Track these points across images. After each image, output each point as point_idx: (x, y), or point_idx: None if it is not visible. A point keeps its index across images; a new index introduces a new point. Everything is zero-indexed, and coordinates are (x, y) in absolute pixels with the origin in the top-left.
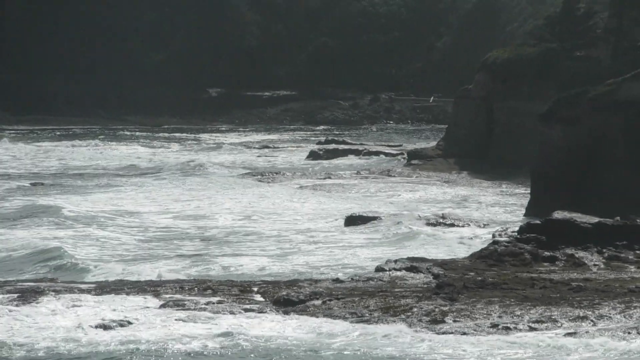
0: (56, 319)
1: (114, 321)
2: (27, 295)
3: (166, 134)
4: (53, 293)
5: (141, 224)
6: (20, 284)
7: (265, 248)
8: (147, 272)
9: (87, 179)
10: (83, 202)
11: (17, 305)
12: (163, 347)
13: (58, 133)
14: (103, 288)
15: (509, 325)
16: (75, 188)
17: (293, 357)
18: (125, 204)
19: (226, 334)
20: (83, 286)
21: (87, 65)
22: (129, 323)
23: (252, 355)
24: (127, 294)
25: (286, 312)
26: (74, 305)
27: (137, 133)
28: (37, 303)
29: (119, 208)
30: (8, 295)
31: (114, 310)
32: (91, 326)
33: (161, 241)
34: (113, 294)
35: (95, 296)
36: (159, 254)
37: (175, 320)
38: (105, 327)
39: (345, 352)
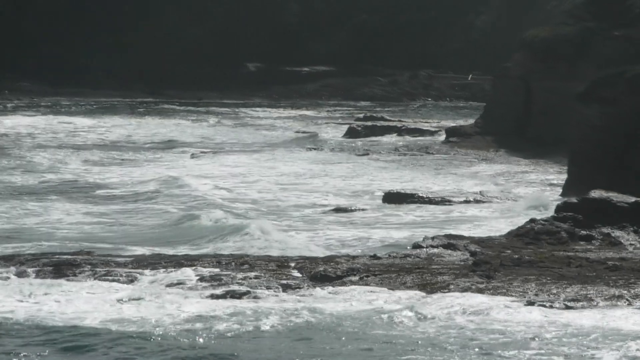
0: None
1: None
2: (63, 268)
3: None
4: (89, 267)
5: None
6: (57, 256)
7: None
8: None
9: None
10: None
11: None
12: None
13: (95, 106)
14: (140, 262)
15: (544, 303)
16: None
17: None
18: None
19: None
20: (120, 259)
21: (127, 39)
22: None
23: None
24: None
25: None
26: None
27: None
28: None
29: None
30: (44, 268)
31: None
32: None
33: None
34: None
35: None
36: None
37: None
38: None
39: None
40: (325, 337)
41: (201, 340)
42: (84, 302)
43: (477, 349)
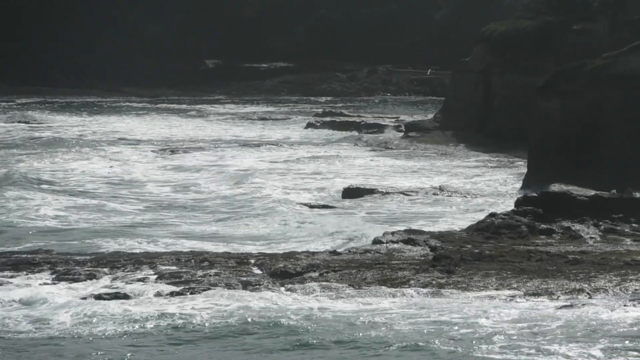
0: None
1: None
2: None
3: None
4: (48, 265)
5: None
6: (15, 255)
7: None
8: None
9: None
10: None
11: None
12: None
13: (56, 105)
14: (99, 260)
15: (505, 297)
16: None
17: None
18: None
19: None
20: (79, 258)
21: (84, 37)
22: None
23: None
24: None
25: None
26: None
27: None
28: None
29: None
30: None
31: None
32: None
33: None
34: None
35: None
36: None
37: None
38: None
39: None
40: None
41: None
42: None
43: None
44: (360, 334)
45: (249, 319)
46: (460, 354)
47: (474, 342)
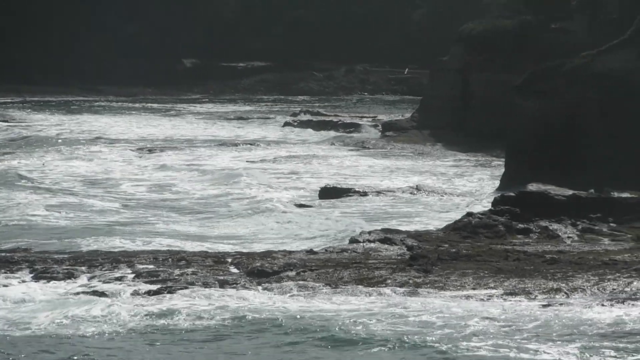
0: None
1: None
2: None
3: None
4: (27, 264)
5: None
6: None
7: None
8: None
9: None
10: None
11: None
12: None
13: (35, 104)
14: (77, 259)
15: (482, 297)
16: None
17: None
18: None
19: None
20: (57, 256)
21: (63, 36)
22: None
23: None
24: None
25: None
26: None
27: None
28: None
29: None
30: None
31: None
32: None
33: None
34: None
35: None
36: None
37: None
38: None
39: None
40: None
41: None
42: None
43: None
44: (337, 334)
45: (226, 318)
46: (438, 354)
47: (451, 341)
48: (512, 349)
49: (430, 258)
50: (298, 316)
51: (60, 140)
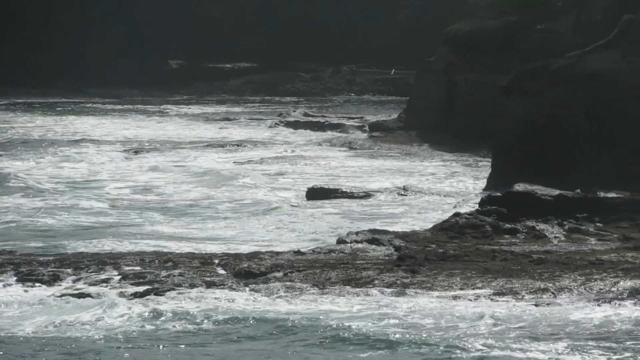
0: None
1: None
2: None
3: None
4: (11, 266)
5: None
6: None
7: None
8: None
9: None
10: None
11: None
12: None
13: (20, 106)
14: (62, 261)
15: (470, 297)
16: None
17: None
18: None
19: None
20: (42, 258)
21: (48, 37)
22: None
23: None
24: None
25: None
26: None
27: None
28: None
29: None
30: None
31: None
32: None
33: None
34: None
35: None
36: None
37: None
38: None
39: None
40: None
41: None
42: None
43: None
44: (325, 334)
45: (213, 320)
46: (426, 355)
47: (439, 342)
48: (500, 349)
49: (418, 258)
50: (286, 317)
51: (46, 142)
